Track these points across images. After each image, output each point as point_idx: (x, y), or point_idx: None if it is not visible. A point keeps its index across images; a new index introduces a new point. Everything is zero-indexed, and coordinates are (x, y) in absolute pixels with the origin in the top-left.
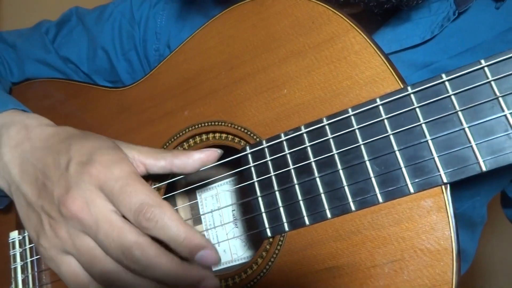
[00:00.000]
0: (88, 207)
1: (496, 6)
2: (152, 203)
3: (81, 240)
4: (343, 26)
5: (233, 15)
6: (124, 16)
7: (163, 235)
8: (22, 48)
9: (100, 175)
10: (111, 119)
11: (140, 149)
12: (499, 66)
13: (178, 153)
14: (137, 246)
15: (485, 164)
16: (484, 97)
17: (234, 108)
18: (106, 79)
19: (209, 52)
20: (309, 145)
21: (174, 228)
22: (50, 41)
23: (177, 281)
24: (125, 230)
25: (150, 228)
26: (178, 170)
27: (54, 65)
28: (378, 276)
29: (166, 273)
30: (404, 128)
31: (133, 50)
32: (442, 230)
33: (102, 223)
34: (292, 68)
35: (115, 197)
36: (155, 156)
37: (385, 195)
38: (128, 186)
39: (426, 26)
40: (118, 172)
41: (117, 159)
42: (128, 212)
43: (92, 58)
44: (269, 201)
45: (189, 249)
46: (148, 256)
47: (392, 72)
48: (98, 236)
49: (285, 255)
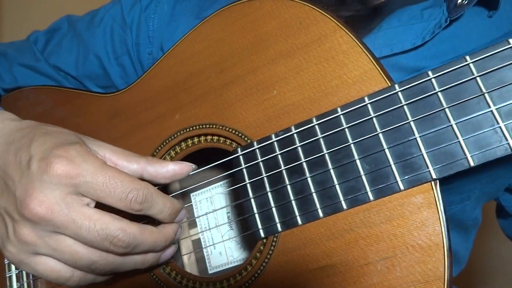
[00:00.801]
0: (60, 207)
1: (489, 15)
2: (139, 187)
3: (56, 240)
4: (330, 26)
5: (221, 18)
6: (115, 21)
7: (153, 211)
8: (12, 56)
9: (71, 172)
10: (103, 124)
11: (113, 148)
12: (484, 62)
13: (152, 161)
14: (122, 231)
15: (473, 159)
16: (470, 93)
17: (225, 110)
18: (99, 85)
19: (198, 55)
20: (300, 145)
21: (161, 203)
22: (39, 51)
23: (162, 245)
24: (106, 221)
25: (142, 209)
26: (149, 177)
27: (44, 72)
28: (371, 274)
29: (152, 244)
30: (393, 126)
31: (126, 54)
32: (433, 226)
33: (81, 221)
34: (281, 69)
35: (99, 191)
36: (129, 158)
37: (376, 193)
38: (110, 179)
39: (418, 32)
40: (91, 167)
41: (83, 154)
42: (118, 202)
43: (82, 64)
44: (262, 202)
45: (172, 216)
46: (135, 236)
47: (379, 71)
48: (80, 233)
49: (279, 255)
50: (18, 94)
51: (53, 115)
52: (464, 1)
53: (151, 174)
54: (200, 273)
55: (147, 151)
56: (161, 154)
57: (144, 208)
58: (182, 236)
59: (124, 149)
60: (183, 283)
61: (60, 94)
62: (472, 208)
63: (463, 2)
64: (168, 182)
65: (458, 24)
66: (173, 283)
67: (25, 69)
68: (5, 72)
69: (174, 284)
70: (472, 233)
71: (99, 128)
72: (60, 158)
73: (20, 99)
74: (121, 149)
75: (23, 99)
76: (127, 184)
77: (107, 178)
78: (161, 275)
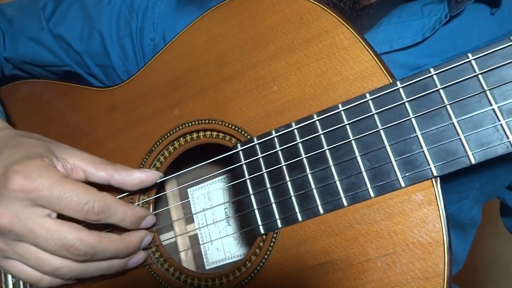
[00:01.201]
0: (19, 218)
1: (491, 12)
2: (94, 198)
3: (21, 247)
4: (331, 22)
5: (221, 12)
6: (124, 3)
7: (112, 220)
8: (18, 24)
9: (28, 187)
10: (100, 119)
11: (83, 156)
12: (486, 59)
13: (120, 168)
14: (79, 241)
15: (474, 156)
16: (471, 90)
17: (224, 106)
18: (97, 63)
19: (198, 50)
20: (300, 141)
21: (121, 212)
22: (45, 18)
23: (125, 252)
24: (63, 231)
25: (100, 220)
26: (116, 184)
27: (46, 43)
28: (371, 270)
29: (113, 251)
30: (394, 123)
31: (129, 37)
32: (433, 223)
33: (39, 231)
34: (282, 65)
35: (55, 204)
36: (97, 166)
37: (377, 190)
38: (65, 192)
39: (418, 28)
40: (47, 181)
41: (41, 169)
42: (75, 213)
43: (86, 39)
44: (262, 198)
45: (136, 223)
46: (92, 245)
47: (381, 67)
48: (38, 242)
49: (279, 251)
50: (15, 86)
51: (50, 109)
52: None
53: (117, 182)
54: (197, 269)
55: (145, 146)
56: (159, 149)
57: (102, 218)
58: (179, 232)
59: (94, 156)
60: (182, 279)
61: (58, 87)
62: (469, 208)
63: None
64: (135, 189)
65: (459, 20)
66: (172, 279)
67: (28, 40)
68: (8, 40)
69: (173, 280)
70: (470, 233)
71: (97, 122)
72: (17, 174)
73: (17, 92)
74: (91, 157)
75: (21, 92)
76: (83, 196)
77: (62, 192)
78: (159, 271)
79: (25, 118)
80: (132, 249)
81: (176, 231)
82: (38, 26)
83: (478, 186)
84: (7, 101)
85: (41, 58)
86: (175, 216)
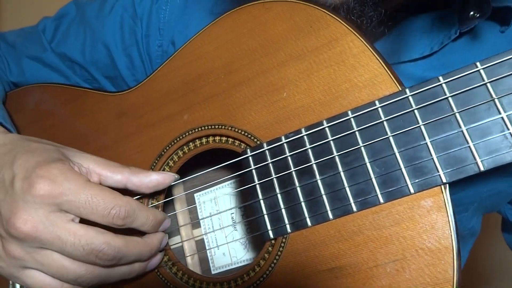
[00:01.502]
0: (44, 225)
1: (501, 30)
2: (121, 203)
3: (43, 256)
4: (341, 30)
5: (231, 19)
6: (126, 11)
7: (136, 224)
8: (20, 47)
9: (54, 192)
10: (109, 124)
11: (96, 160)
12: (494, 68)
13: (136, 171)
14: (107, 245)
15: (483, 163)
16: (480, 99)
17: (234, 111)
18: (105, 75)
19: (207, 56)
20: (310, 147)
21: (144, 217)
22: (47, 40)
23: (148, 255)
24: (91, 235)
25: (125, 224)
26: (132, 187)
27: (51, 63)
28: (380, 276)
29: (137, 255)
30: (403, 130)
31: (135, 45)
32: (443, 229)
33: (66, 237)
34: (291, 72)
35: (81, 209)
36: (112, 169)
37: (386, 196)
38: (92, 197)
39: (427, 41)
40: (73, 186)
41: (64, 171)
42: (101, 218)
43: (90, 52)
44: (271, 203)
45: (156, 227)
46: (120, 249)
47: (390, 75)
48: (65, 249)
49: (288, 256)
50: (23, 91)
51: (59, 114)
52: (476, 14)
53: (134, 184)
54: (203, 273)
55: (155, 150)
56: (169, 154)
57: (126, 223)
58: (186, 237)
59: (107, 160)
60: (190, 282)
61: (67, 92)
62: (468, 219)
63: (475, 15)
64: (152, 191)
65: (469, 36)
66: (180, 282)
67: (32, 61)
68: (13, 64)
69: (181, 283)
70: (468, 242)
71: (106, 127)
72: (42, 179)
73: (26, 96)
74: (105, 160)
75: (29, 96)
76: (109, 201)
77: (89, 196)
78: (168, 275)
79: (34, 123)
80: (154, 251)
81: (182, 236)
82: (41, 48)
83: (479, 200)
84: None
85: (48, 79)
86: (181, 221)
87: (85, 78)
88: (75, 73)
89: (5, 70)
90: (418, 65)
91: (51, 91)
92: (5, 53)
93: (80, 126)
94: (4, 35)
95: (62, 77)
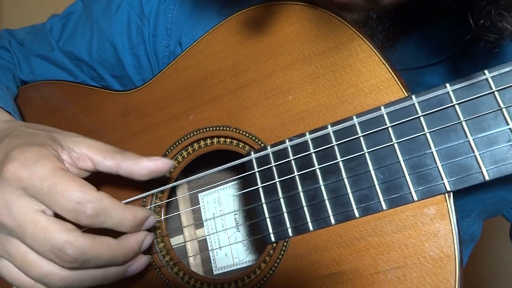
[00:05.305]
0: (9, 209)
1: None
2: (88, 198)
3: (11, 245)
4: (348, 34)
5: (239, 21)
6: (133, 9)
7: (108, 225)
8: (29, 45)
9: (21, 174)
10: (115, 122)
11: (90, 143)
12: (502, 77)
13: (129, 156)
14: (69, 245)
15: (488, 173)
16: (488, 107)
17: (239, 113)
18: (112, 73)
19: (214, 57)
20: (314, 151)
21: (118, 216)
22: (54, 39)
23: (122, 259)
24: (52, 230)
25: (93, 223)
26: (124, 174)
27: (59, 62)
28: (381, 283)
29: (108, 258)
30: (409, 137)
31: (142, 44)
32: (445, 238)
33: (26, 226)
34: (297, 75)
35: (45, 198)
36: (104, 154)
37: (389, 202)
38: (57, 186)
39: (435, 49)
40: (41, 170)
41: (38, 156)
42: (65, 212)
43: (97, 51)
44: (274, 206)
45: (136, 228)
46: (83, 251)
47: (396, 81)
48: (25, 239)
49: (289, 260)
50: (32, 87)
51: (66, 110)
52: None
53: (125, 171)
54: (205, 273)
55: (160, 150)
56: (173, 154)
57: (95, 222)
58: (189, 237)
59: (103, 143)
60: (191, 283)
61: (74, 89)
62: (469, 224)
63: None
64: (146, 179)
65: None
66: (181, 283)
67: (41, 60)
68: (24, 62)
69: (182, 284)
70: (468, 247)
71: (112, 125)
72: (13, 160)
73: (34, 93)
74: (99, 144)
75: (37, 93)
76: (75, 194)
77: (53, 185)
78: (169, 275)
79: (41, 119)
80: (131, 255)
81: (185, 236)
82: (49, 47)
83: (481, 206)
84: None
85: (57, 77)
86: (185, 220)
87: (92, 77)
88: (83, 71)
89: (16, 68)
90: (425, 72)
91: (59, 88)
92: (16, 51)
93: (86, 123)
94: (14, 33)
95: (70, 76)
